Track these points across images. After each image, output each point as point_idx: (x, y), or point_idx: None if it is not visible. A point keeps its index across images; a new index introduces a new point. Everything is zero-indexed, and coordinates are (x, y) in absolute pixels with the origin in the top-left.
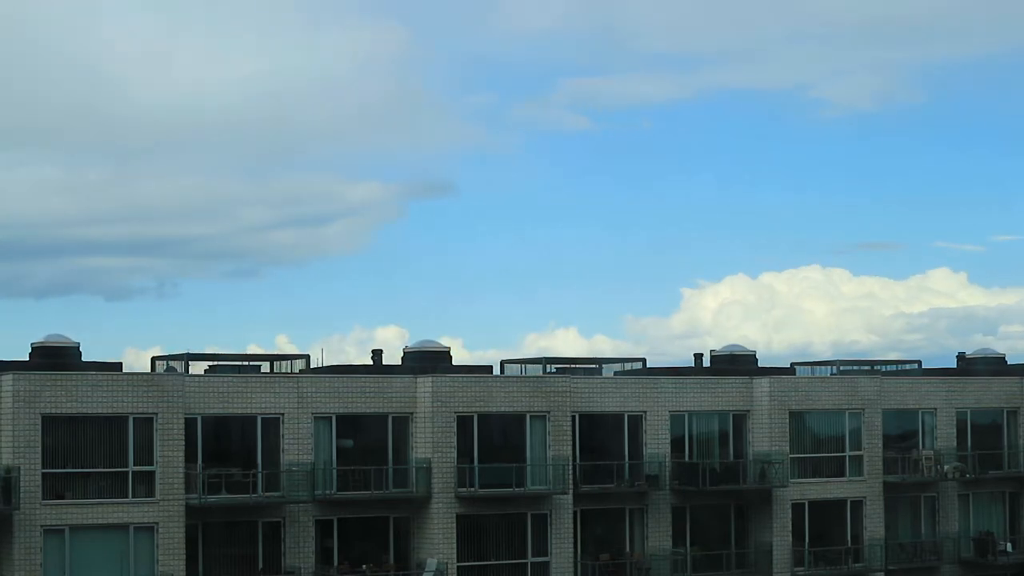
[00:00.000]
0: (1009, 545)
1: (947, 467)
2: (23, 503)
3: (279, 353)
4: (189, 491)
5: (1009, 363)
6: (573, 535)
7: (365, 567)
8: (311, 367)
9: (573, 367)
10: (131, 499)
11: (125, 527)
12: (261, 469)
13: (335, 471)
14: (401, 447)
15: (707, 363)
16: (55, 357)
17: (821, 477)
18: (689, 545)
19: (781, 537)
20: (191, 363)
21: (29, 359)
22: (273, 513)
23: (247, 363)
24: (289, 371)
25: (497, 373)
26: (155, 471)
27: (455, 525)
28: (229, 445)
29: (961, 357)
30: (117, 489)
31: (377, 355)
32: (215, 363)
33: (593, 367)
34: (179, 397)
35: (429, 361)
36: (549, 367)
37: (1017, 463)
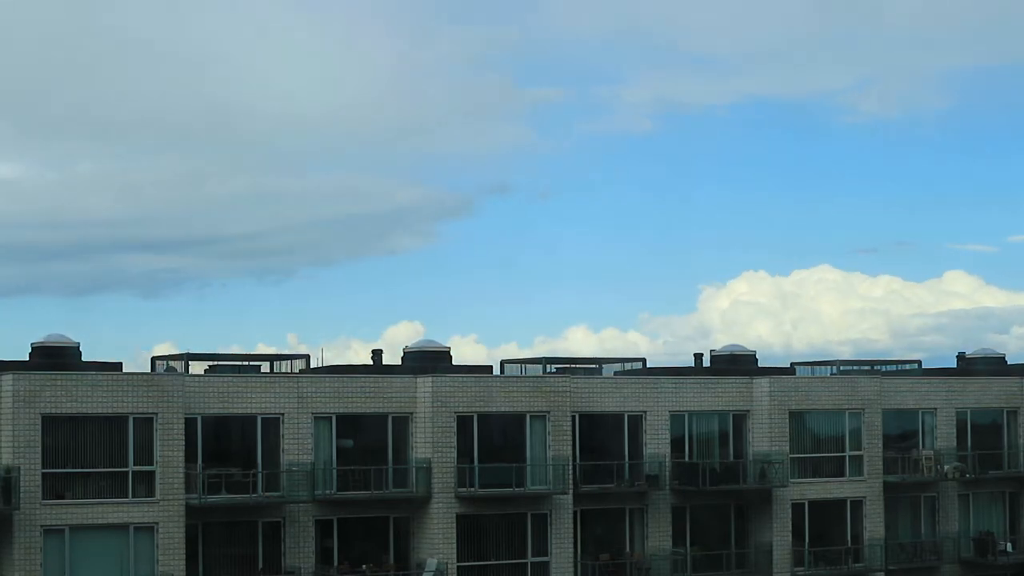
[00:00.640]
0: (1009, 545)
1: (947, 467)
2: (23, 503)
3: (279, 353)
4: (189, 491)
5: (1009, 363)
6: (573, 535)
7: (365, 567)
8: (311, 367)
9: (573, 367)
10: (131, 499)
11: (125, 527)
12: (261, 469)
13: (335, 471)
14: (401, 447)
15: (707, 363)
16: (55, 357)
17: (821, 477)
18: (689, 545)
19: (781, 537)
20: (191, 363)
21: (29, 359)
22: (273, 513)
23: (247, 363)
24: (289, 371)
25: (497, 373)
26: (155, 471)
27: (455, 525)
28: (229, 445)
29: (961, 357)
30: (117, 489)
31: (377, 355)
32: (215, 363)
33: (593, 367)
34: (179, 397)
35: (429, 361)
36: (549, 367)
37: (1017, 463)
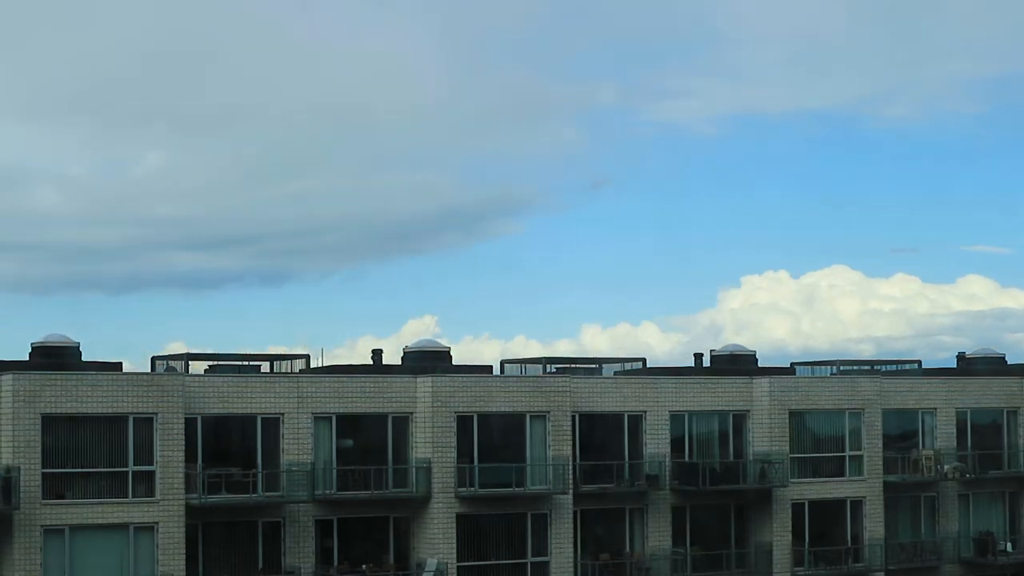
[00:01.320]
0: (1009, 545)
1: (947, 467)
2: (23, 503)
3: (279, 353)
4: (189, 491)
5: (1009, 363)
6: (573, 535)
7: (365, 567)
8: (311, 367)
9: (573, 367)
10: (131, 499)
11: (125, 527)
12: (261, 469)
13: (335, 471)
14: (401, 447)
15: (707, 363)
16: (55, 357)
17: (821, 477)
18: (689, 545)
19: (781, 537)
20: (191, 363)
21: (29, 359)
22: (273, 513)
23: (247, 363)
24: (289, 371)
25: (497, 373)
26: (155, 471)
27: (455, 525)
28: (229, 445)
29: (961, 357)
30: (117, 489)
31: (377, 355)
32: (215, 363)
33: (593, 367)
34: (179, 397)
35: (429, 361)
36: (549, 367)
37: (1017, 463)
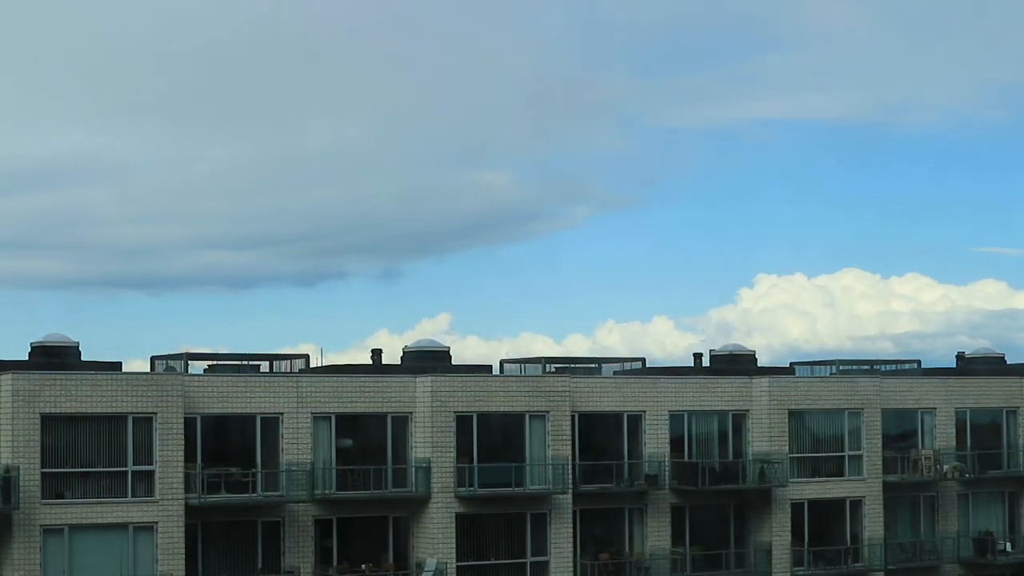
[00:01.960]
0: (1009, 545)
1: (947, 467)
2: (23, 503)
3: (279, 352)
4: (189, 491)
5: (1009, 363)
6: (572, 535)
7: (364, 567)
8: (310, 367)
9: (572, 367)
10: (131, 499)
11: (125, 527)
12: (260, 469)
13: (334, 471)
14: (400, 447)
15: (707, 363)
16: (54, 357)
17: (820, 477)
18: (688, 545)
19: (780, 537)
20: (191, 362)
21: (28, 359)
22: (272, 513)
23: (246, 363)
24: (288, 371)
25: (496, 373)
26: (155, 471)
27: (454, 525)
28: (229, 445)
29: (960, 357)
30: (117, 489)
31: (376, 355)
32: (214, 363)
33: (592, 367)
34: (179, 397)
35: (428, 361)
36: (548, 367)
37: (1017, 463)
